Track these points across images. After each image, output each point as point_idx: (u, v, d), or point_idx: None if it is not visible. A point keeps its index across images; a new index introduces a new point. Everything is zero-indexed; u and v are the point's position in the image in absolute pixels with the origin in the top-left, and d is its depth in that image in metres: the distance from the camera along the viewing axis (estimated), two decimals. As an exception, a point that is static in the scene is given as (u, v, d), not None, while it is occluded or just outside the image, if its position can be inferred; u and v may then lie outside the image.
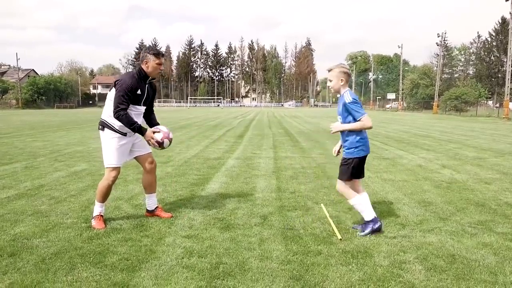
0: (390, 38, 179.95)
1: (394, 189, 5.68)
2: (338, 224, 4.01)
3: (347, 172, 3.78)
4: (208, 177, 6.52)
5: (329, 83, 3.84)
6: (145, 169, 4.26)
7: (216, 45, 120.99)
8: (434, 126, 21.78)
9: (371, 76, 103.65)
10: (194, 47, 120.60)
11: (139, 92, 3.90)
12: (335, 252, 3.31)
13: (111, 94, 3.89)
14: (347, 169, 3.78)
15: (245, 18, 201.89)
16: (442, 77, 64.71)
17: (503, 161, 8.47)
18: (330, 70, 3.80)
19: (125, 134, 3.97)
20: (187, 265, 3.04)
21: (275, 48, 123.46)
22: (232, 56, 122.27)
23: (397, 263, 3.09)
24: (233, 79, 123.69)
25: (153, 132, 3.95)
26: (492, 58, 69.84)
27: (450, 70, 77.68)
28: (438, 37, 53.29)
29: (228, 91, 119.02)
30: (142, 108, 4.06)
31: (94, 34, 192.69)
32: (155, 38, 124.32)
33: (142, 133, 3.88)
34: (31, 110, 55.87)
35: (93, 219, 3.97)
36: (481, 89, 52.88)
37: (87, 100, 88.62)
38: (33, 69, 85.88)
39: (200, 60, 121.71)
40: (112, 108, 3.81)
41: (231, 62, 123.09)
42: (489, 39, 71.25)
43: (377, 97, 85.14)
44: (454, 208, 4.71)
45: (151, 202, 4.30)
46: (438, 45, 54.87)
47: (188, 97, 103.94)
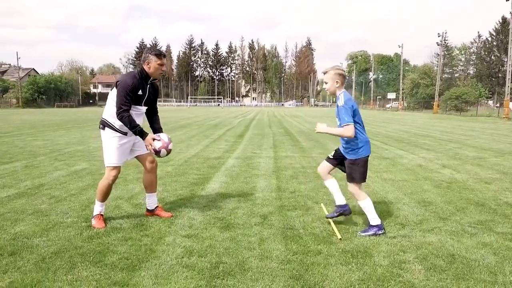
0: (391, 37, 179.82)
1: (394, 189, 5.68)
2: (338, 224, 4.01)
3: (359, 172, 3.77)
4: (208, 176, 6.52)
5: (324, 85, 3.87)
6: (146, 169, 4.26)
7: (217, 45, 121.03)
8: (434, 126, 21.77)
9: (371, 75, 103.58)
10: (194, 46, 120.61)
11: (140, 92, 3.91)
12: (335, 252, 3.31)
13: (112, 93, 3.90)
14: (357, 169, 3.76)
15: (245, 17, 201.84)
16: (443, 76, 64.69)
17: (503, 161, 8.47)
18: (325, 73, 3.83)
19: (125, 134, 3.97)
20: (187, 264, 3.04)
21: (275, 48, 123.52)
22: (232, 55, 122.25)
23: (397, 263, 3.09)
24: (233, 79, 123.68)
25: (154, 139, 3.92)
26: (492, 57, 69.82)
27: (450, 70, 77.70)
28: (438, 36, 53.38)
29: (229, 90, 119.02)
30: (143, 108, 4.07)
31: (94, 33, 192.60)
32: (155, 38, 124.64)
33: (142, 137, 3.87)
34: (31, 109, 55.88)
35: (93, 218, 3.98)
36: (482, 89, 52.87)
37: (88, 99, 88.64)
38: (33, 68, 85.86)
39: (200, 60, 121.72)
40: (115, 109, 3.82)
41: (232, 62, 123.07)
42: (489, 39, 71.24)
43: (378, 97, 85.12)
44: (454, 208, 4.71)
45: (151, 201, 4.30)
46: (438, 45, 54.89)
47: (189, 97, 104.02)
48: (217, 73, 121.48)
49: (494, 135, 15.63)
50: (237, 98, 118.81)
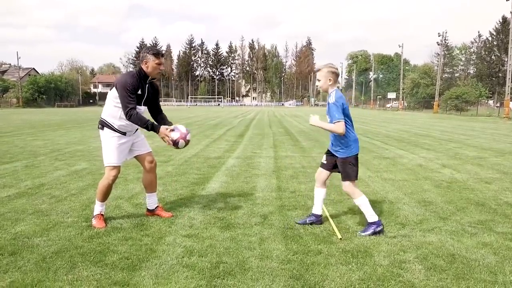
0: (391, 37, 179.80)
1: (394, 189, 5.68)
2: (338, 224, 4.02)
3: (352, 170, 3.80)
4: (208, 176, 6.52)
5: (317, 83, 3.90)
6: (145, 169, 4.26)
7: (217, 44, 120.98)
8: (435, 126, 21.77)
9: (371, 75, 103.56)
10: (194, 46, 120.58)
11: (139, 92, 3.90)
12: (335, 252, 3.31)
13: (111, 93, 3.89)
14: (350, 167, 3.80)
15: (245, 17, 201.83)
16: (443, 76, 64.68)
17: (504, 161, 8.47)
18: (318, 70, 3.87)
19: (124, 134, 3.97)
20: (187, 264, 3.04)
21: (275, 48, 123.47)
22: (232, 55, 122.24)
23: (397, 263, 3.10)
24: (233, 78, 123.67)
25: (170, 130, 3.86)
26: (492, 57, 69.80)
27: (450, 70, 77.70)
28: (438, 36, 53.29)
29: (229, 90, 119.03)
30: (142, 108, 4.06)
31: (94, 33, 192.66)
32: (155, 37, 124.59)
33: (156, 131, 3.82)
34: (31, 109, 55.88)
35: (93, 218, 3.98)
36: (482, 89, 52.85)
37: (88, 99, 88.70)
38: (33, 68, 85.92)
39: (200, 59, 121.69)
40: (114, 109, 3.83)
41: (232, 61, 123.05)
42: (489, 39, 71.22)
43: (378, 97, 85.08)
44: (454, 207, 4.71)
45: (151, 201, 4.30)
46: (438, 45, 54.82)
47: (189, 96, 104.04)
48: (217, 73, 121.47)
49: (494, 135, 15.63)
50: (237, 98, 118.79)
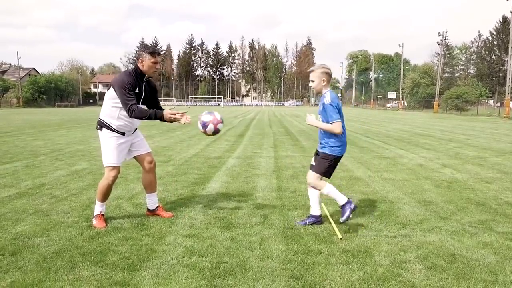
0: (391, 37, 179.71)
1: (394, 189, 5.68)
2: (338, 224, 4.01)
3: (325, 167, 3.87)
4: (208, 176, 6.52)
5: (311, 84, 3.95)
6: (145, 169, 4.26)
7: (217, 44, 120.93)
8: (435, 125, 21.76)
9: (371, 75, 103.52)
10: (194, 46, 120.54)
11: (137, 90, 3.88)
12: (335, 252, 3.31)
13: (109, 94, 3.87)
14: (326, 164, 3.86)
15: (245, 17, 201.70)
16: (443, 76, 64.67)
17: (504, 161, 8.47)
18: (312, 71, 3.90)
19: (123, 134, 3.96)
20: (187, 264, 3.04)
21: (275, 47, 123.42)
22: (232, 55, 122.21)
23: (398, 263, 3.10)
24: (233, 78, 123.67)
25: (206, 113, 3.81)
26: (493, 57, 69.79)
27: (451, 69, 77.66)
28: (439, 36, 53.23)
29: (229, 90, 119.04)
30: (141, 107, 4.03)
31: (94, 32, 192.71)
32: (155, 37, 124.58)
33: (161, 117, 3.79)
34: (32, 109, 55.89)
35: (94, 218, 3.98)
36: (482, 88, 52.87)
37: (88, 99, 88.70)
38: (34, 68, 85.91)
39: (200, 59, 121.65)
40: (112, 109, 3.82)
41: (232, 61, 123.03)
42: (490, 38, 71.21)
43: (378, 96, 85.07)
44: (454, 207, 4.71)
45: (151, 201, 4.30)
46: (439, 44, 54.77)
47: (189, 96, 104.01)
48: (218, 73, 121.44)
49: (495, 135, 15.62)
50: (237, 98, 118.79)
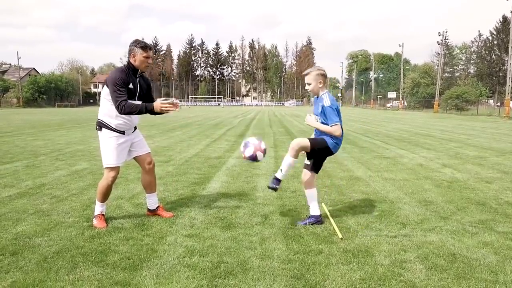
0: (391, 36, 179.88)
1: (395, 188, 5.68)
2: (338, 223, 4.02)
3: (318, 145, 3.87)
4: (209, 176, 6.52)
5: (307, 87, 3.95)
6: (144, 169, 4.25)
7: (217, 44, 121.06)
8: (435, 125, 21.76)
9: (372, 75, 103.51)
10: (195, 46, 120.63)
11: (131, 86, 3.84)
12: (336, 251, 3.31)
13: (104, 92, 3.84)
14: (321, 144, 3.86)
15: (246, 17, 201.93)
16: (443, 76, 64.68)
17: (504, 160, 8.47)
18: (307, 74, 3.91)
19: (123, 133, 3.94)
20: (188, 264, 3.04)
21: (276, 47, 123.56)
22: (233, 55, 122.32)
23: (398, 262, 3.10)
24: (234, 78, 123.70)
25: (244, 146, 4.07)
26: (493, 57, 69.81)
27: (451, 69, 77.70)
28: (439, 35, 53.26)
29: (229, 90, 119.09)
30: (130, 102, 3.98)
31: (94, 32, 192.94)
32: (155, 37, 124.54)
33: (152, 109, 3.76)
34: (32, 109, 55.90)
35: (94, 218, 3.98)
36: (482, 88, 52.88)
37: (88, 99, 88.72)
38: (34, 68, 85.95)
39: (201, 59, 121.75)
40: (110, 107, 3.80)
41: (232, 61, 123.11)
42: (490, 38, 71.24)
43: (378, 96, 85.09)
44: (454, 207, 4.72)
45: (151, 201, 4.30)
46: (439, 44, 54.78)
47: (189, 96, 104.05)
48: (218, 73, 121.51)
49: (495, 134, 15.62)
50: (237, 98, 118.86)
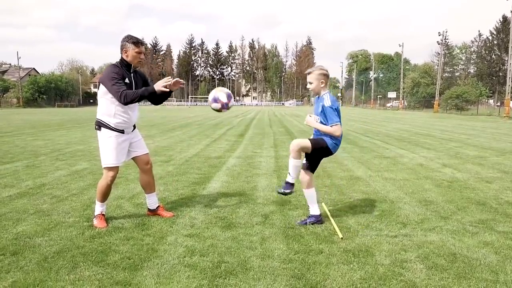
0: (391, 36, 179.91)
1: (395, 188, 5.68)
2: (339, 223, 4.02)
3: (318, 145, 3.85)
4: (209, 176, 6.52)
5: (309, 86, 3.94)
6: (141, 170, 4.25)
7: (217, 44, 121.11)
8: (435, 125, 21.76)
9: (372, 75, 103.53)
10: (194, 46, 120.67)
11: (127, 81, 3.81)
12: (336, 251, 3.31)
13: (101, 91, 3.82)
14: (320, 144, 3.85)
15: (246, 17, 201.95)
16: (443, 76, 64.69)
17: (504, 160, 8.47)
18: (309, 73, 3.90)
19: (122, 132, 3.92)
20: (189, 264, 3.04)
21: (275, 47, 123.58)
22: (232, 55, 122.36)
23: (398, 262, 3.10)
24: (234, 78, 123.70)
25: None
26: (493, 56, 69.83)
27: (451, 69, 77.73)
28: (439, 35, 53.26)
29: (229, 90, 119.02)
30: (130, 90, 3.95)
31: (94, 32, 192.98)
32: (155, 37, 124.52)
33: (153, 91, 3.73)
34: (32, 109, 55.90)
35: (94, 218, 3.98)
36: (482, 88, 52.88)
37: (88, 99, 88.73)
38: (34, 68, 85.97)
39: (200, 59, 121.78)
40: (109, 107, 3.79)
41: (232, 61, 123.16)
42: (490, 38, 71.25)
43: (378, 96, 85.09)
44: (455, 207, 4.72)
45: (151, 201, 4.29)
46: (439, 44, 54.78)
47: (189, 96, 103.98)
48: (218, 73, 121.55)
49: (495, 134, 15.62)
50: (237, 98, 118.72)
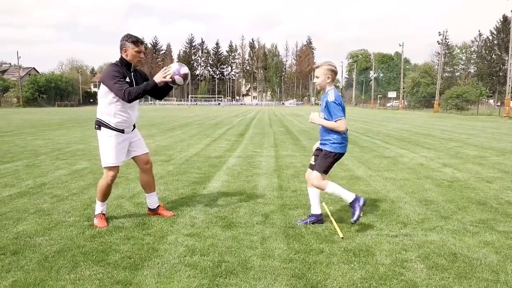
0: (391, 36, 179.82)
1: (395, 188, 5.68)
2: (339, 223, 4.02)
3: (327, 165, 3.84)
4: (209, 175, 6.52)
5: (315, 80, 3.91)
6: (141, 170, 4.25)
7: (217, 44, 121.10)
8: (435, 125, 21.76)
9: (372, 74, 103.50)
10: (195, 45, 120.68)
11: (127, 80, 3.81)
12: (337, 251, 3.31)
13: (101, 91, 3.82)
14: (328, 161, 3.83)
15: (246, 16, 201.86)
16: (443, 75, 64.69)
17: (505, 160, 8.47)
18: (317, 67, 3.88)
19: (122, 131, 3.92)
20: (189, 263, 3.04)
21: (276, 47, 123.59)
22: (233, 54, 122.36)
23: (399, 262, 3.10)
24: (234, 78, 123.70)
25: (165, 71, 3.78)
26: (493, 56, 69.83)
27: (451, 69, 77.76)
28: (439, 35, 53.24)
29: (229, 89, 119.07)
30: (132, 87, 3.95)
31: (94, 32, 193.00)
32: (155, 36, 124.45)
33: (155, 84, 3.72)
34: (32, 109, 55.89)
35: (95, 218, 3.97)
36: (482, 88, 52.84)
37: (88, 99, 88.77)
38: (34, 68, 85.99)
39: (201, 59, 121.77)
40: (108, 107, 3.78)
41: (232, 61, 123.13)
42: (490, 38, 71.24)
43: (378, 96, 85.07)
44: (455, 206, 4.71)
45: (152, 201, 4.29)
46: (439, 44, 54.76)
47: (189, 96, 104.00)
48: (218, 72, 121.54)
49: (495, 134, 15.62)
50: (237, 97, 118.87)
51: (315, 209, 4.05)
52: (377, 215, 4.32)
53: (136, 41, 3.83)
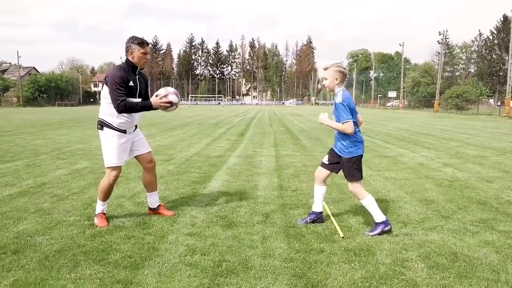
0: (391, 36, 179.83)
1: (395, 187, 5.68)
2: (340, 222, 4.02)
3: (356, 171, 3.78)
4: (209, 175, 6.52)
5: (324, 81, 3.89)
6: (145, 168, 4.25)
7: (217, 43, 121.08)
8: (435, 125, 21.76)
9: (372, 74, 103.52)
10: (195, 45, 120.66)
11: (131, 84, 3.81)
12: (337, 250, 3.31)
13: (104, 91, 3.81)
14: (354, 168, 3.77)
15: (246, 16, 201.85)
16: (444, 75, 64.69)
17: (505, 160, 8.47)
18: (326, 69, 3.86)
19: (124, 132, 3.92)
20: (190, 262, 3.04)
21: (276, 46, 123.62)
22: (233, 54, 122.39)
23: (399, 261, 3.10)
24: (234, 77, 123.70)
25: (163, 96, 3.81)
26: (493, 56, 69.84)
27: (451, 68, 77.77)
28: (439, 35, 53.23)
29: (229, 89, 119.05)
30: (138, 101, 3.98)
31: (94, 32, 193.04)
32: (156, 36, 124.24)
33: (150, 106, 3.75)
34: (32, 108, 55.87)
35: (95, 217, 3.98)
36: (483, 88, 52.85)
37: (88, 98, 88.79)
38: (34, 67, 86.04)
39: (201, 58, 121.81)
40: (110, 106, 3.77)
41: (232, 60, 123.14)
42: (490, 37, 71.23)
43: (378, 95, 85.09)
44: (456, 206, 4.72)
45: (152, 200, 4.29)
46: (439, 43, 54.76)
47: (189, 95, 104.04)
48: (218, 72, 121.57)
49: (495, 134, 15.62)
50: (237, 97, 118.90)
51: (317, 207, 4.03)
52: (378, 215, 4.31)
53: (142, 43, 3.83)
